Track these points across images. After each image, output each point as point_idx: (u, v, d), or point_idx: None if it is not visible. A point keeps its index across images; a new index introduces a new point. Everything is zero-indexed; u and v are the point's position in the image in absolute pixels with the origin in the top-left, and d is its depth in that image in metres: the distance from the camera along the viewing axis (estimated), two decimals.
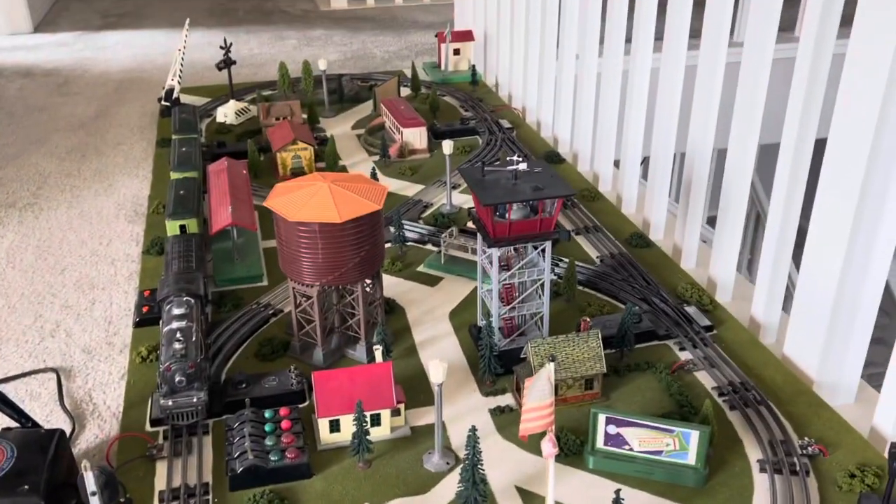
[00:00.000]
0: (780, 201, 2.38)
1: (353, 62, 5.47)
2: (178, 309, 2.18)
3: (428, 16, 6.85)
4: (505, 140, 3.81)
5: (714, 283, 2.72)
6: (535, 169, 2.17)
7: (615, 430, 1.90)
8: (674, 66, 2.88)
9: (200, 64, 5.40)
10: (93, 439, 2.12)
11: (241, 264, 2.75)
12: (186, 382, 2.00)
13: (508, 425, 2.07)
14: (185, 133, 3.46)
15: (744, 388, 2.16)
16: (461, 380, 2.25)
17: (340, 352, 2.34)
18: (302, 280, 2.19)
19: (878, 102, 1.92)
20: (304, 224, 2.09)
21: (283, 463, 1.88)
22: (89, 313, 2.67)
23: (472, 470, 1.73)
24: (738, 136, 2.55)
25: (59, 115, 4.53)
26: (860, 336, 2.20)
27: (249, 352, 2.36)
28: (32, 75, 5.27)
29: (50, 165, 3.85)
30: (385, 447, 2.00)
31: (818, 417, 2.08)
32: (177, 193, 2.87)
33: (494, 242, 2.11)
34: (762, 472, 1.90)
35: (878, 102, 1.91)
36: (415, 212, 3.16)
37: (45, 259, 3.01)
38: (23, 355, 2.47)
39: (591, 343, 2.10)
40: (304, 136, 3.47)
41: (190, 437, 2.01)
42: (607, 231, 3.01)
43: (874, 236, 2.07)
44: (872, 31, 1.92)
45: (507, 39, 4.51)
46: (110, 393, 2.29)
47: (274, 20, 6.75)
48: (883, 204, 2.03)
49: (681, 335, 2.37)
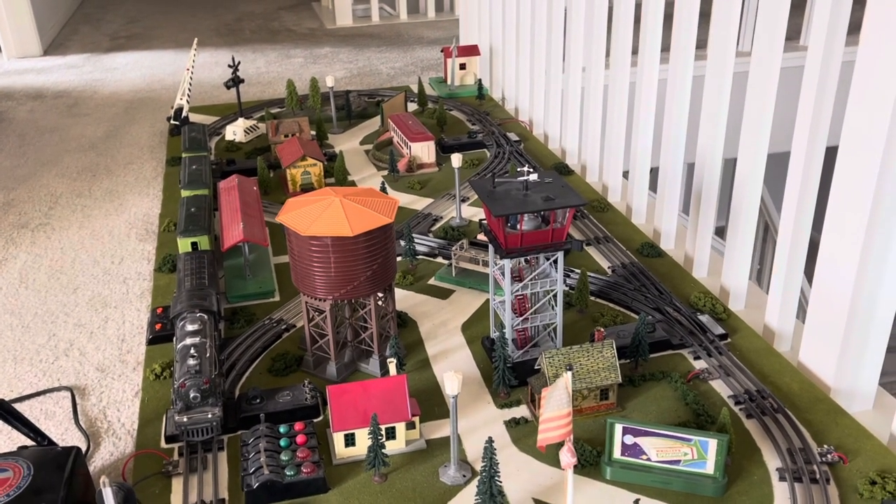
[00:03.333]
0: (792, 208, 2.37)
1: (360, 79, 5.50)
2: (192, 325, 2.19)
3: (433, 32, 6.89)
4: (513, 153, 3.82)
5: (727, 292, 2.71)
6: (546, 179, 2.18)
7: (632, 440, 1.88)
8: (681, 77, 2.89)
9: (208, 83, 5.44)
10: (108, 457, 2.12)
11: (253, 280, 2.75)
12: (201, 398, 2.00)
13: (524, 437, 2.06)
14: (195, 151, 3.48)
15: (760, 397, 2.14)
16: (475, 392, 2.24)
17: (354, 365, 2.33)
18: (315, 294, 2.19)
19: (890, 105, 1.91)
20: (317, 238, 2.09)
21: (299, 478, 1.87)
22: (102, 331, 2.68)
23: (490, 482, 1.72)
24: (747, 143, 2.55)
25: (70, 136, 4.56)
26: (877, 342, 2.18)
27: (263, 367, 2.36)
28: (42, 97, 5.32)
29: (61, 186, 3.88)
30: (400, 460, 1.99)
31: (836, 424, 2.06)
32: (188, 211, 2.89)
33: (507, 253, 2.11)
34: (781, 480, 1.88)
35: (891, 105, 1.91)
36: (424, 225, 3.17)
37: (57, 279, 3.03)
38: (37, 374, 2.47)
39: (605, 353, 2.09)
40: (313, 152, 3.49)
41: (205, 452, 2.01)
42: (618, 241, 3.00)
43: (889, 241, 2.06)
44: (881, 38, 1.92)
45: (512, 53, 4.53)
46: (125, 410, 2.29)
47: (280, 39, 6.81)
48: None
49: (695, 344, 2.36)
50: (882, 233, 2.05)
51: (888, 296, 2.12)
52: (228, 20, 7.67)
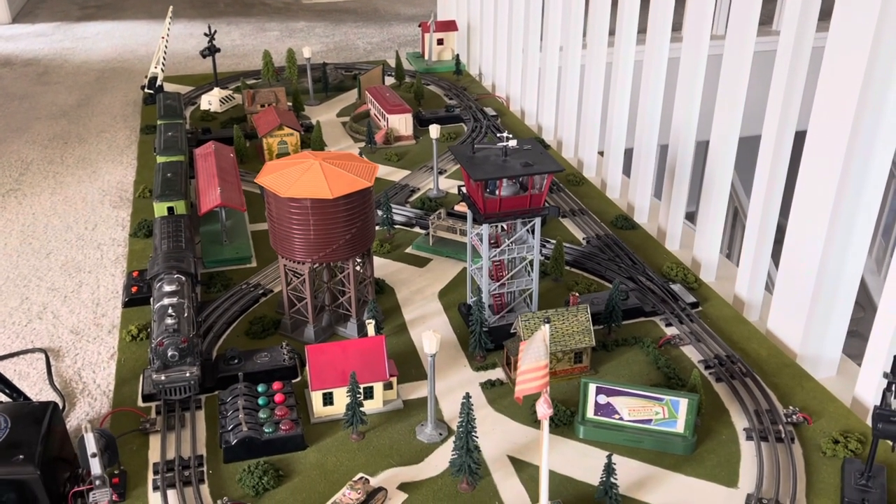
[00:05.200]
0: (763, 181, 2.42)
1: (336, 53, 5.47)
2: (170, 286, 2.18)
3: (409, 8, 6.87)
4: (490, 127, 3.84)
5: (698, 264, 2.76)
6: (525, 146, 2.20)
7: (605, 400, 1.93)
8: (657, 59, 2.93)
9: (182, 54, 5.37)
10: (83, 416, 2.11)
11: (230, 246, 2.75)
12: (179, 357, 2.01)
13: (499, 398, 2.10)
14: (170, 118, 3.45)
15: (730, 361, 2.20)
16: (452, 356, 2.27)
17: (331, 329, 2.35)
18: (293, 257, 2.20)
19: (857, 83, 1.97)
20: (296, 200, 2.10)
21: (278, 434, 1.89)
22: (76, 295, 2.66)
23: (466, 437, 1.75)
24: (721, 122, 2.60)
25: (40, 104, 4.48)
26: (841, 311, 2.25)
27: (240, 330, 2.37)
28: (11, 65, 5.21)
29: (32, 153, 3.82)
30: (378, 420, 2.02)
31: (802, 388, 2.13)
32: (164, 176, 2.87)
33: (485, 219, 2.13)
34: (749, 439, 1.94)
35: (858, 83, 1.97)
36: (402, 196, 3.18)
37: (29, 243, 2.99)
38: (10, 336, 2.45)
39: (579, 317, 2.13)
40: (290, 121, 3.48)
41: (183, 411, 2.02)
42: (593, 214, 3.04)
43: (853, 217, 2.12)
44: (850, 25, 1.97)
45: (490, 31, 4.54)
46: (100, 372, 2.28)
47: (255, 12, 6.73)
48: (862, 186, 2.08)
49: (667, 311, 2.41)
50: (847, 209, 2.11)
51: (852, 269, 2.19)
52: None
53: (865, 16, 1.92)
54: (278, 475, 1.83)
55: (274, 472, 1.83)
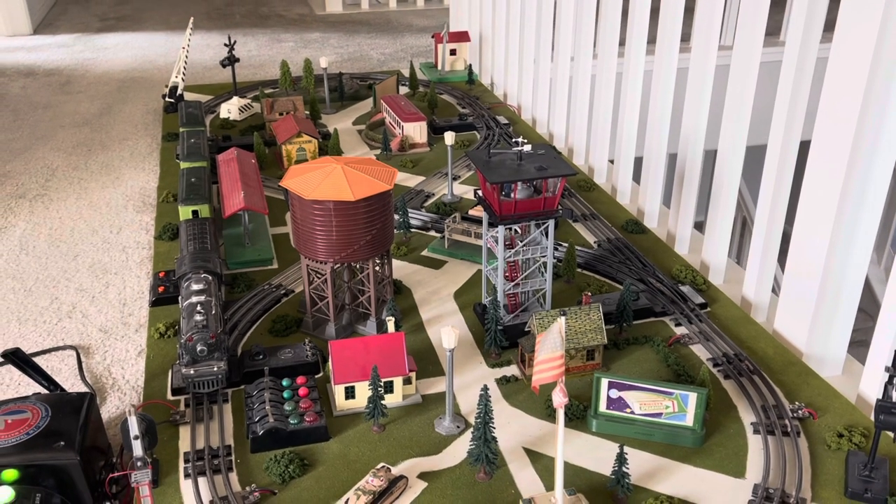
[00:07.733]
0: (770, 184, 2.50)
1: (350, 64, 5.58)
2: (197, 285, 2.27)
3: (422, 20, 6.98)
4: (502, 135, 3.93)
5: (707, 267, 2.84)
6: (539, 151, 2.29)
7: (617, 394, 2.00)
8: (666, 69, 3.01)
9: (200, 64, 5.49)
10: (114, 410, 2.20)
11: (252, 248, 2.84)
12: (207, 352, 2.09)
13: (514, 393, 2.17)
14: (192, 126, 3.55)
15: (737, 359, 2.27)
16: (468, 353, 2.35)
17: (351, 327, 2.43)
18: (316, 257, 2.28)
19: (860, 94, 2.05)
20: (319, 202, 2.19)
21: (302, 426, 1.97)
22: (104, 296, 2.75)
23: (484, 428, 1.82)
24: (729, 129, 2.68)
25: (64, 113, 4.60)
26: (846, 312, 2.32)
27: (263, 328, 2.45)
28: (34, 75, 5.34)
29: (57, 160, 3.93)
30: (397, 413, 2.09)
31: (808, 385, 2.19)
32: (188, 181, 2.96)
33: (500, 220, 2.22)
34: (756, 433, 2.01)
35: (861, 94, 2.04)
36: (417, 201, 3.27)
37: (57, 246, 3.09)
38: (41, 334, 2.55)
39: (592, 315, 2.21)
40: (309, 129, 3.57)
41: (211, 404, 2.10)
42: (604, 218, 3.12)
43: (856, 222, 2.20)
44: (853, 36, 2.05)
45: (502, 41, 4.64)
46: (129, 368, 2.37)
47: (270, 24, 6.86)
48: (864, 192, 2.15)
49: (676, 312, 2.49)
50: (849, 215, 2.19)
51: (856, 271, 2.26)
52: (219, 4, 7.70)
53: (867, 27, 2.00)
54: (303, 464, 1.91)
55: (299, 462, 1.90)
